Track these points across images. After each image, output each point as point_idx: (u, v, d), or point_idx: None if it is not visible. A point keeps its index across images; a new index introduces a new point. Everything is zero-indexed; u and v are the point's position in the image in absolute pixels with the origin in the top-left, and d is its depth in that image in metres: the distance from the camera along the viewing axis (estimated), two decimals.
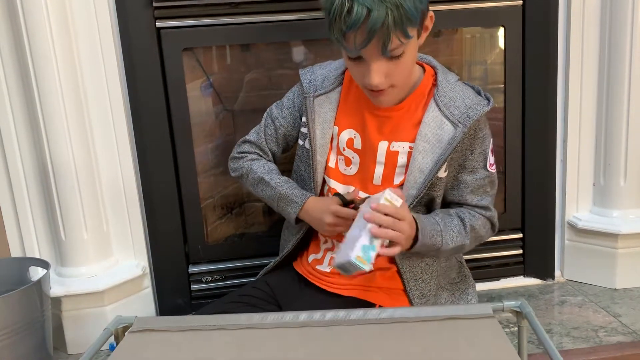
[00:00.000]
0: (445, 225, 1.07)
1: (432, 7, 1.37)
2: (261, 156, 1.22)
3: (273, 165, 1.21)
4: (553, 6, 1.45)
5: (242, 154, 1.23)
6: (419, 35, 1.02)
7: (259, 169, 1.19)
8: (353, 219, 0.99)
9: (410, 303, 1.10)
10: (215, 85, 1.51)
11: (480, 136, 1.08)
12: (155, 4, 1.34)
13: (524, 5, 1.45)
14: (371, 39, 0.93)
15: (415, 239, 1.01)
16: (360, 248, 0.91)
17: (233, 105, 1.54)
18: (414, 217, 1.00)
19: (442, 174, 1.07)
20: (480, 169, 1.10)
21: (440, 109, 1.06)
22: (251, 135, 1.23)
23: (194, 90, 1.46)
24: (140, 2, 1.34)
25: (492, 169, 1.12)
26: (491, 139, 1.12)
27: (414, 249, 1.01)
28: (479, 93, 1.11)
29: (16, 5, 1.25)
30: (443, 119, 1.05)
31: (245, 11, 1.37)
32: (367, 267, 0.92)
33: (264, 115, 1.22)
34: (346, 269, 0.94)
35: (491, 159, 1.11)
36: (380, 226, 0.93)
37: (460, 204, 1.12)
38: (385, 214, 0.94)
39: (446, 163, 1.06)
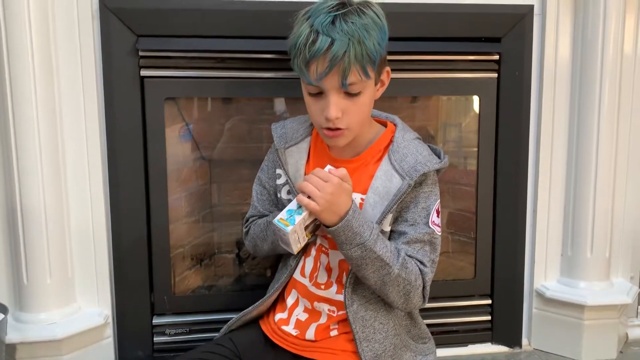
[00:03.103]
0: (380, 235, 1.03)
1: (410, 75, 1.46)
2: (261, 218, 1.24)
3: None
4: (526, 80, 1.51)
5: (247, 227, 1.26)
6: (376, 83, 1.07)
7: (257, 225, 1.22)
8: None
9: None
10: (194, 134, 1.52)
11: (426, 191, 1.09)
12: (141, 53, 1.36)
13: (499, 77, 1.51)
14: (332, 67, 0.99)
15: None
16: (286, 212, 1.01)
17: (211, 154, 1.54)
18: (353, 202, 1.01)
19: (387, 227, 1.08)
20: (422, 223, 1.08)
21: (391, 163, 1.09)
22: (249, 211, 1.27)
23: (172, 138, 1.46)
24: (126, 49, 1.35)
25: (435, 227, 1.09)
26: (438, 200, 1.11)
27: (339, 225, 0.98)
28: (434, 152, 1.13)
29: (0, 42, 1.25)
30: (393, 172, 1.08)
31: (229, 66, 1.40)
32: (288, 229, 0.99)
33: (253, 187, 1.26)
34: (280, 236, 1.02)
35: (435, 219, 1.09)
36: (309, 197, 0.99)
37: None
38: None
39: (391, 216, 1.07)
